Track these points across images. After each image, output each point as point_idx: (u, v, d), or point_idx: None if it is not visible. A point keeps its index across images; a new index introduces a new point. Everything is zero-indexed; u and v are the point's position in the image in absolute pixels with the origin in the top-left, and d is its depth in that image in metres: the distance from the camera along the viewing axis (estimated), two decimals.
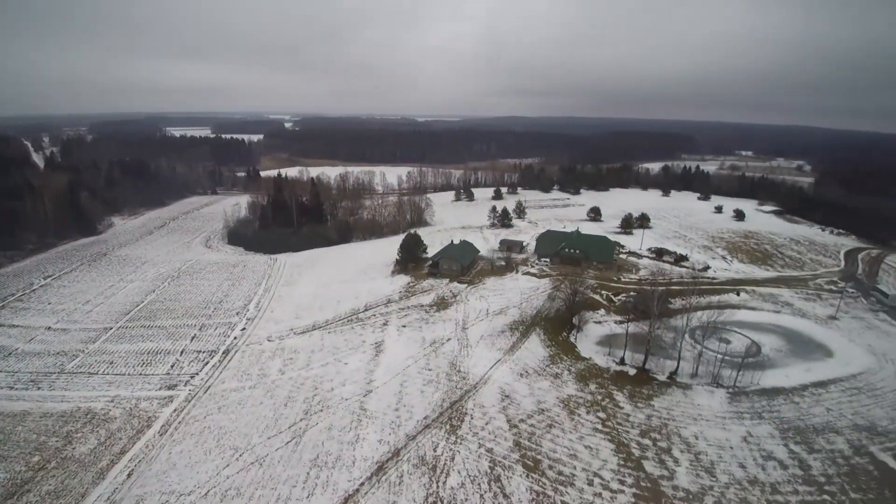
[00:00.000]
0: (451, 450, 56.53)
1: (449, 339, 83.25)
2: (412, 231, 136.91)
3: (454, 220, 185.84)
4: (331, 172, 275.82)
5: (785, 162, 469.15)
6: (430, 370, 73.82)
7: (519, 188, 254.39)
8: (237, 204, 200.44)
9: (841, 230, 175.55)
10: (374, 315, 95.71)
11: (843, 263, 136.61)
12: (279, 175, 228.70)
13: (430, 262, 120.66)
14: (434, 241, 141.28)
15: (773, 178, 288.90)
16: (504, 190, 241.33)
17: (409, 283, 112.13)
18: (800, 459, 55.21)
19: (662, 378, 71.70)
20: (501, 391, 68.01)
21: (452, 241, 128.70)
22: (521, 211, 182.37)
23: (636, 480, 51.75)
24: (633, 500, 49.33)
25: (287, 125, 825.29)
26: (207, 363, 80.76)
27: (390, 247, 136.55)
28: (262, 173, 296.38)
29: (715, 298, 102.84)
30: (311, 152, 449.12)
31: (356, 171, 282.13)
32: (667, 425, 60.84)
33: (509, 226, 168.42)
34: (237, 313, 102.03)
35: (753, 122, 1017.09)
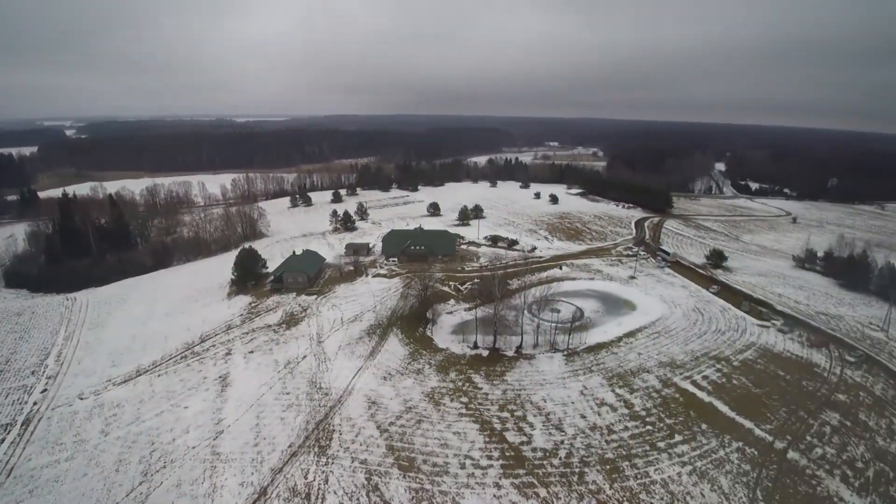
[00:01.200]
0: (323, 472, 54.49)
1: (305, 357, 79.56)
2: (247, 245, 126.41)
3: (294, 228, 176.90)
4: (134, 186, 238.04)
5: (584, 150, 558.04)
6: (287, 394, 69.65)
7: (358, 189, 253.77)
8: (11, 236, 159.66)
9: (630, 204, 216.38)
10: (214, 346, 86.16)
11: (634, 232, 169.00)
12: (65, 195, 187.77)
13: (273, 277, 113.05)
14: (274, 253, 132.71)
15: (576, 164, 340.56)
16: (343, 192, 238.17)
17: (250, 304, 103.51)
18: (625, 400, 67.17)
19: (511, 353, 79.75)
20: (367, 399, 67.79)
21: (295, 252, 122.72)
22: (363, 212, 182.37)
23: (501, 452, 56.91)
24: (501, 471, 54.18)
25: (69, 133, 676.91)
26: (3, 440, 63.36)
27: (222, 266, 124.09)
28: (42, 194, 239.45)
29: (544, 275, 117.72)
30: (105, 164, 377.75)
31: (167, 182, 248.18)
32: (520, 395, 68.05)
33: (353, 229, 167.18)
34: (32, 372, 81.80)
35: (557, 116, 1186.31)
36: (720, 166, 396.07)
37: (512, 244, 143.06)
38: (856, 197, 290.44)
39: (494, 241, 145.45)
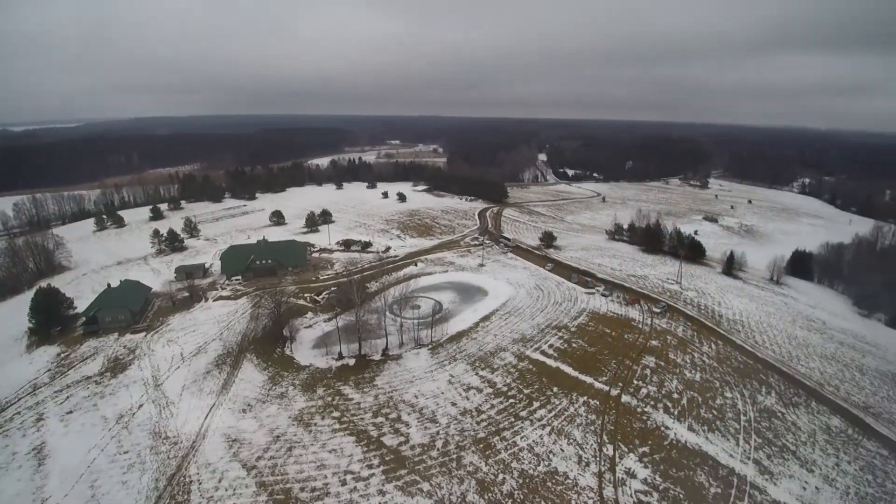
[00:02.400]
0: None
1: (141, 406, 68.94)
2: (44, 284, 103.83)
3: (104, 255, 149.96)
4: None
5: (425, 147, 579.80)
6: (126, 453, 59.66)
7: (183, 202, 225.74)
8: None
9: (472, 197, 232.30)
10: (18, 413, 69.40)
11: (478, 222, 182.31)
12: None
13: (84, 318, 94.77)
14: (83, 289, 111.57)
15: (419, 161, 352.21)
16: (164, 207, 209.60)
17: (59, 355, 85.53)
18: (488, 380, 72.78)
19: (378, 357, 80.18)
20: (227, 437, 61.76)
21: (110, 284, 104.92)
22: (192, 228, 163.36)
23: (381, 458, 57.20)
24: (383, 477, 54.46)
25: None
26: None
27: (13, 313, 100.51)
28: None
29: (401, 273, 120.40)
30: None
31: None
32: (392, 397, 69.02)
33: (182, 248, 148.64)
34: None
35: (398, 114, 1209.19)
36: (542, 157, 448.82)
37: (366, 246, 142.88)
38: (647, 176, 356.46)
39: (347, 245, 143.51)
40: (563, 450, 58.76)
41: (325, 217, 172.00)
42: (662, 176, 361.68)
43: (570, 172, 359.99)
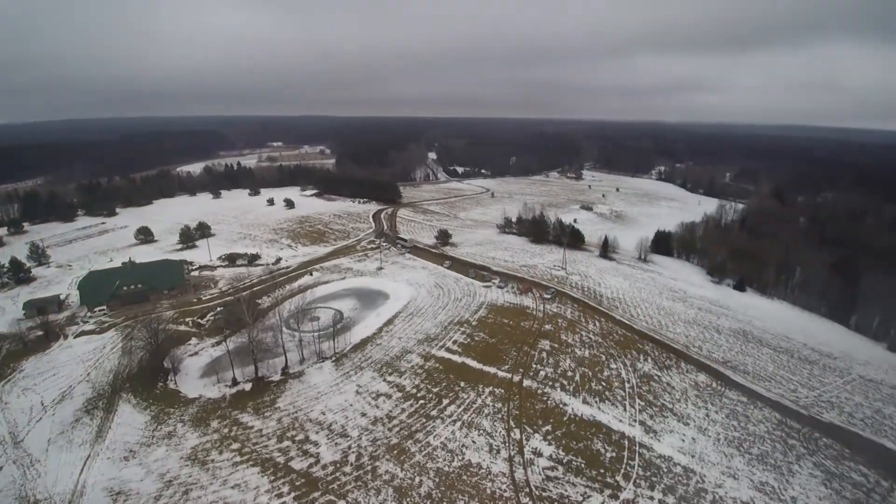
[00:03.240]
0: None
1: (0, 469, 57.93)
2: None
3: None
4: None
5: (310, 148, 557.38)
6: None
7: (26, 224, 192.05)
8: None
9: (364, 199, 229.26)
10: None
11: (373, 225, 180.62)
12: None
13: None
14: None
15: (306, 164, 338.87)
16: (3, 231, 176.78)
17: None
18: (397, 385, 72.78)
19: (277, 377, 76.04)
20: (110, 491, 54.25)
21: None
22: (40, 255, 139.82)
23: (291, 484, 54.45)
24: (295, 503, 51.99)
25: None
26: None
27: None
28: None
29: (295, 285, 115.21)
30: None
31: None
32: (297, 418, 65.97)
33: (30, 280, 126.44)
34: None
35: (278, 114, 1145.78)
36: (432, 155, 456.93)
37: (253, 259, 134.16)
38: (529, 171, 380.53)
39: (232, 259, 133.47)
40: (474, 441, 60.98)
41: (203, 230, 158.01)
42: (543, 170, 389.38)
43: (460, 170, 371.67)
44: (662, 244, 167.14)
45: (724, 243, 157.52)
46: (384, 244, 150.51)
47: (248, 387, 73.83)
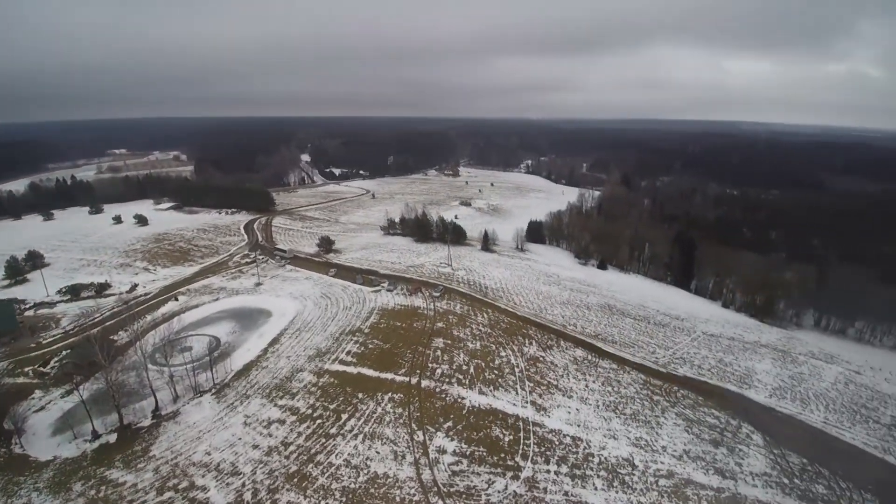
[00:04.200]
0: None
1: None
2: None
3: None
4: None
5: (162, 154, 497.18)
6: None
7: None
8: None
9: (233, 209, 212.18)
10: None
11: (246, 237, 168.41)
12: None
13: None
14: None
15: (158, 173, 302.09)
16: None
17: None
18: (290, 408, 69.05)
19: (148, 422, 67.59)
20: None
21: None
22: None
23: None
24: None
25: None
26: None
27: None
28: None
29: (158, 313, 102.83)
30: None
31: None
32: (178, 464, 59.27)
33: None
34: None
35: (119, 116, 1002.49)
36: (306, 157, 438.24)
37: (102, 289, 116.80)
38: (408, 169, 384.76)
39: (75, 292, 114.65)
40: (378, 452, 60.43)
41: (35, 260, 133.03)
42: (422, 168, 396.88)
43: (337, 171, 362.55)
44: (536, 233, 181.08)
45: (586, 228, 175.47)
46: (260, 257, 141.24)
47: (112, 438, 64.41)
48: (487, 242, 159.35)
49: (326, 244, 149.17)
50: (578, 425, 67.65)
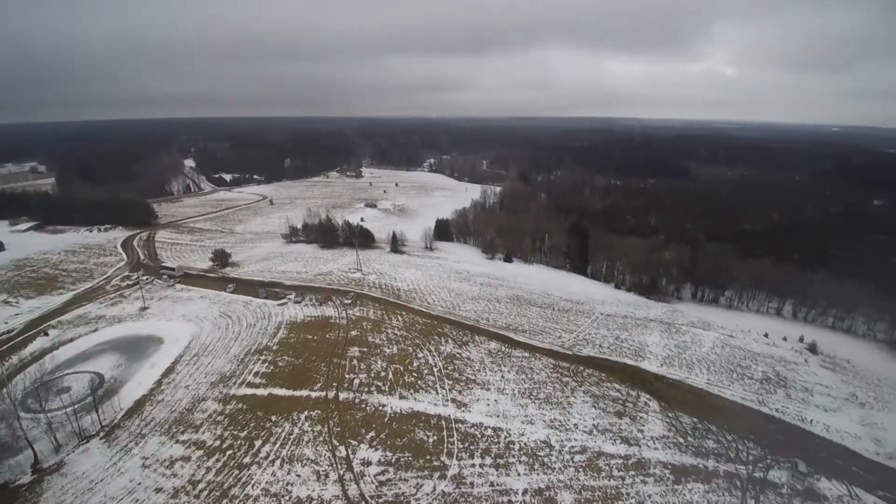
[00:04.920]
0: None
1: None
2: None
3: None
4: None
5: (16, 167, 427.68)
6: None
7: None
8: None
9: (107, 225, 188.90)
10: None
11: (125, 256, 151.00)
12: None
13: None
14: None
15: (14, 188, 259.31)
16: None
17: None
18: (194, 442, 63.43)
19: (28, 478, 58.29)
20: None
21: None
22: None
23: None
24: None
25: None
26: None
27: None
28: None
29: (26, 352, 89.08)
30: None
31: None
32: None
33: None
34: None
35: None
36: (190, 163, 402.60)
37: None
38: (307, 172, 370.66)
39: None
40: (299, 475, 57.78)
41: None
42: (322, 170, 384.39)
43: (228, 177, 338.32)
44: (444, 231, 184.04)
45: (490, 223, 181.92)
46: (144, 278, 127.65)
47: None
48: (396, 244, 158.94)
49: (222, 258, 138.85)
50: (498, 416, 70.13)
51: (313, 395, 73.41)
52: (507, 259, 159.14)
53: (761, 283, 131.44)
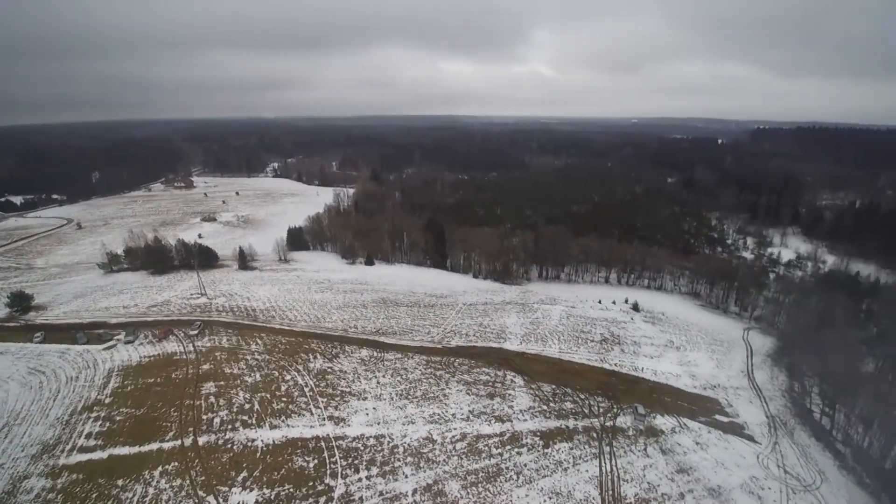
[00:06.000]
0: None
1: None
2: None
3: None
4: None
5: None
6: None
7: None
8: None
9: None
10: None
11: None
12: None
13: None
14: None
15: None
16: None
17: None
18: None
19: None
20: None
21: None
22: None
23: None
24: None
25: None
26: None
27: None
28: None
29: None
30: None
31: None
32: None
33: None
34: None
35: None
36: None
37: None
38: (123, 186, 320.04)
39: None
40: None
41: None
42: (142, 183, 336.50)
43: (18, 200, 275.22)
44: (298, 240, 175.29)
45: (347, 227, 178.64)
46: None
47: None
48: (245, 260, 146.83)
49: (20, 302, 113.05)
50: (379, 423, 69.76)
51: (166, 446, 64.37)
52: (369, 262, 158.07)
53: (591, 256, 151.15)
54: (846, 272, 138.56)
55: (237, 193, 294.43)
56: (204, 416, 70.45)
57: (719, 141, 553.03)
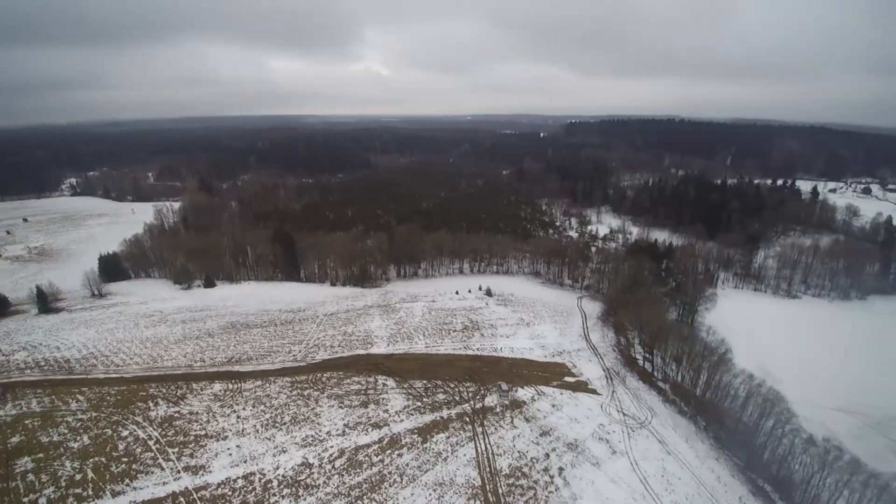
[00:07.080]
0: None
1: None
2: None
3: None
4: None
5: None
6: None
7: None
8: None
9: None
10: None
11: None
12: None
13: None
14: None
15: None
16: None
17: None
18: None
19: None
20: None
21: None
22: None
23: None
24: None
25: None
26: None
27: None
28: None
29: None
30: None
31: None
32: None
33: None
34: None
35: None
36: None
37: None
38: None
39: None
40: None
41: None
42: None
43: None
44: (114, 269, 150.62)
45: (177, 247, 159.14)
46: None
47: None
48: (47, 301, 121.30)
49: None
50: (245, 461, 64.02)
51: None
52: (209, 284, 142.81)
53: (444, 250, 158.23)
54: (647, 240, 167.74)
55: (25, 220, 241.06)
56: (24, 500, 56.94)
57: (541, 135, 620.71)
